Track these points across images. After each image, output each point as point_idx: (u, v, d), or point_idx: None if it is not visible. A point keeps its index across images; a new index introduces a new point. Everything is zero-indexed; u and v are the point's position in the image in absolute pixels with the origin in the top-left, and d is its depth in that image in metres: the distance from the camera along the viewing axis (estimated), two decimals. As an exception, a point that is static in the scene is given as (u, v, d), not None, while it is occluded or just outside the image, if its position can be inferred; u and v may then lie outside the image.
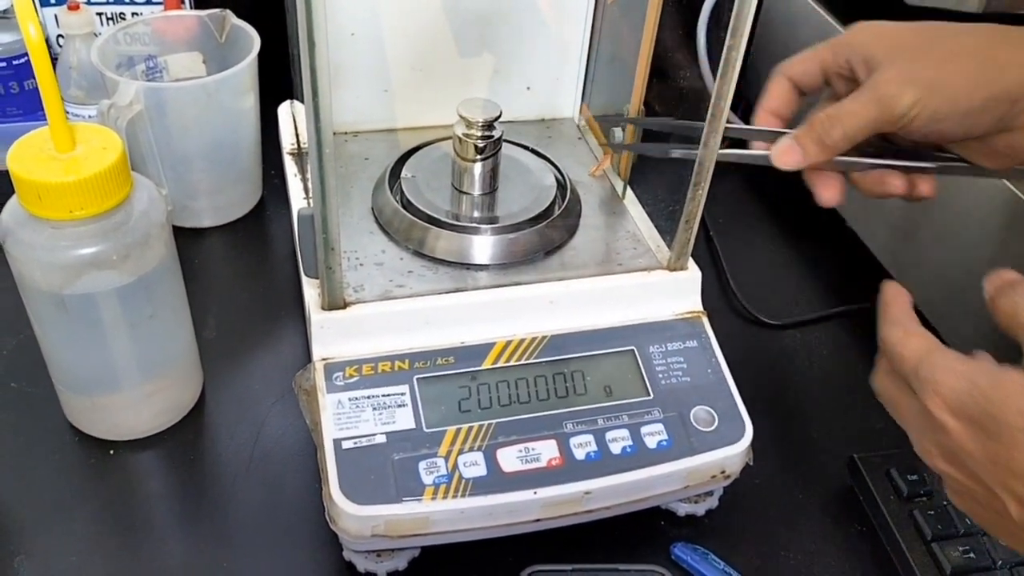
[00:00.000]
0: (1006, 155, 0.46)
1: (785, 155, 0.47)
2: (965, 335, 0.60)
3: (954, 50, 0.45)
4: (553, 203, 0.57)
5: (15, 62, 0.71)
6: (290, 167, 0.62)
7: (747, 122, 0.51)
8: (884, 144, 0.49)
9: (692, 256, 0.55)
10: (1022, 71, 0.44)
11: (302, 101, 0.43)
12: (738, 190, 0.80)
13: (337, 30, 0.60)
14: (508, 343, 0.51)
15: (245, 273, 0.68)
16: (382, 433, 0.47)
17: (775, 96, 0.50)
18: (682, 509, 0.53)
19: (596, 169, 0.60)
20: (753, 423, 0.50)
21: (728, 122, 0.48)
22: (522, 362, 0.51)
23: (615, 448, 0.48)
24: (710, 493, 0.53)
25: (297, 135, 0.65)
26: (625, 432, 0.49)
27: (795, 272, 0.73)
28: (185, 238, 0.69)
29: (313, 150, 0.42)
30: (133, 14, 0.77)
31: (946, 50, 0.45)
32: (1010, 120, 0.44)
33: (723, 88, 0.46)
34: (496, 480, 0.46)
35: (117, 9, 0.77)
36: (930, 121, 0.44)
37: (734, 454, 0.49)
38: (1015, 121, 0.45)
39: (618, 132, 0.56)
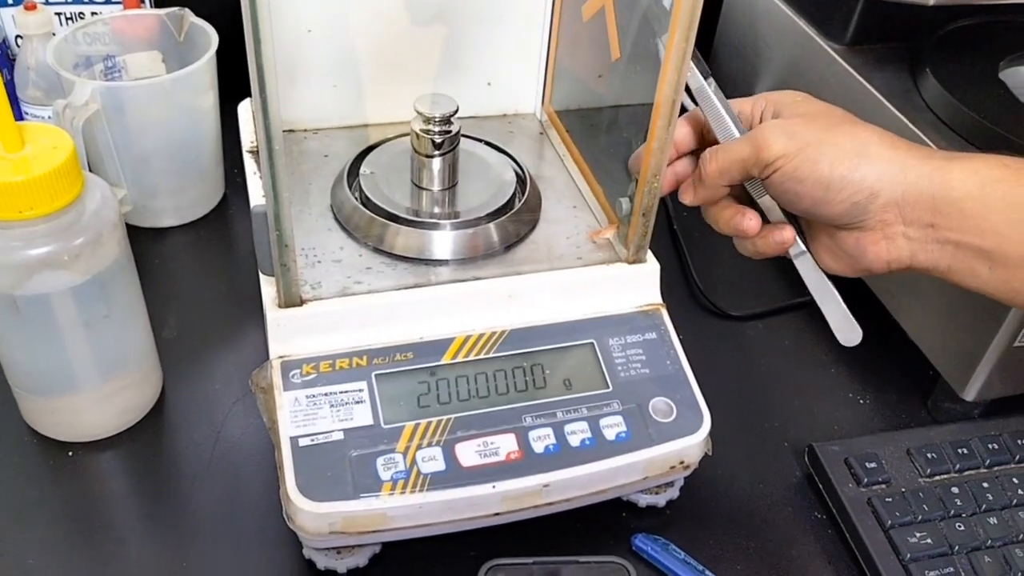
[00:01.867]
0: (851, 256, 0.47)
1: (683, 194, 0.52)
2: (933, 330, 0.61)
3: (840, 127, 0.46)
4: (513, 198, 0.57)
5: (-29, 63, 0.70)
6: (250, 165, 0.61)
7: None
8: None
9: (654, 249, 0.55)
10: (888, 169, 0.44)
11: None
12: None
13: (294, 26, 0.59)
14: (467, 338, 0.51)
15: (206, 272, 0.68)
16: (339, 430, 0.47)
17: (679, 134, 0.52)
18: (643, 500, 0.53)
19: (596, 234, 0.56)
20: (714, 414, 0.51)
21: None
22: (481, 356, 0.51)
23: (574, 441, 0.48)
24: (671, 484, 0.54)
25: (256, 133, 0.64)
26: (584, 424, 0.49)
27: (757, 264, 0.73)
28: (146, 238, 0.69)
29: (263, 145, 0.42)
30: (92, 13, 0.76)
31: (834, 125, 0.46)
32: (862, 214, 0.45)
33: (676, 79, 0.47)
34: (455, 474, 0.46)
35: (76, 9, 0.76)
36: (790, 177, 0.46)
37: (692, 444, 0.50)
38: (867, 218, 0.45)
39: (625, 203, 0.54)
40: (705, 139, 0.52)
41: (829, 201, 0.45)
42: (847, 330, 0.51)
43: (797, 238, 0.50)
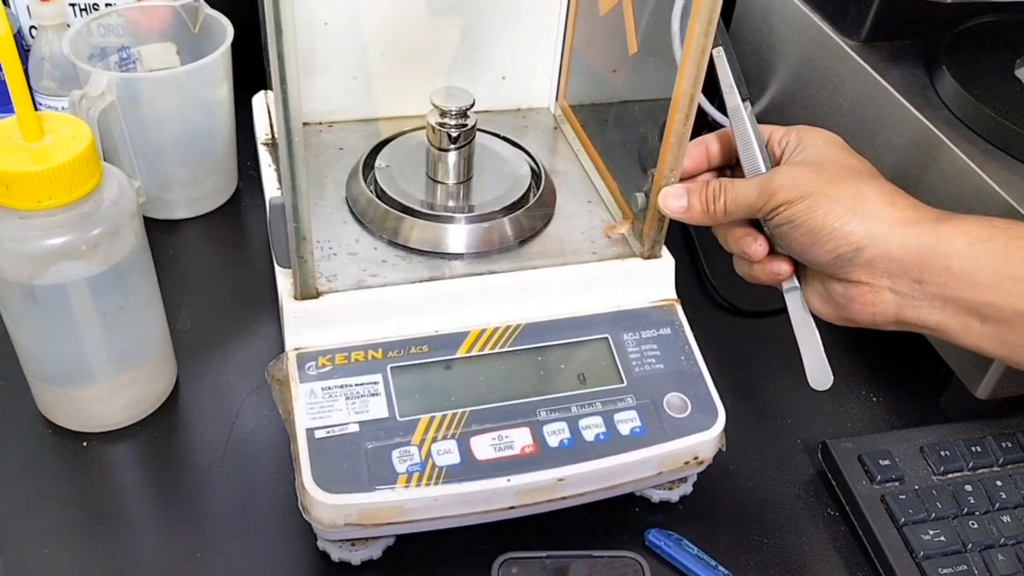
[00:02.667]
0: (838, 304, 0.48)
1: (671, 200, 0.51)
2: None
3: (846, 181, 0.46)
4: (528, 192, 0.57)
5: (-14, 53, 0.70)
6: (264, 158, 0.62)
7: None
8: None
9: (667, 245, 0.55)
10: (877, 226, 0.45)
11: (274, 90, 0.43)
12: (714, 179, 0.81)
13: (310, 19, 0.59)
14: (482, 331, 0.51)
15: (220, 264, 0.68)
16: (355, 422, 0.47)
17: (693, 155, 0.52)
18: (656, 495, 0.53)
19: (611, 229, 0.56)
20: (727, 410, 0.51)
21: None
22: (496, 350, 0.51)
23: (588, 435, 0.48)
24: (684, 479, 0.54)
25: (271, 125, 0.64)
26: (599, 419, 0.49)
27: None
28: (160, 230, 0.69)
29: (282, 137, 0.42)
30: (107, 4, 0.76)
31: (842, 178, 0.46)
32: (847, 265, 0.46)
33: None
34: (469, 468, 0.46)
35: (91, 0, 0.76)
36: (787, 221, 0.46)
37: (707, 440, 0.50)
38: (852, 269, 0.46)
39: (640, 197, 0.54)
40: (733, 157, 0.52)
41: (816, 249, 0.46)
42: (820, 374, 0.51)
43: (793, 274, 0.50)
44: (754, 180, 0.48)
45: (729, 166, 0.54)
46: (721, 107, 0.78)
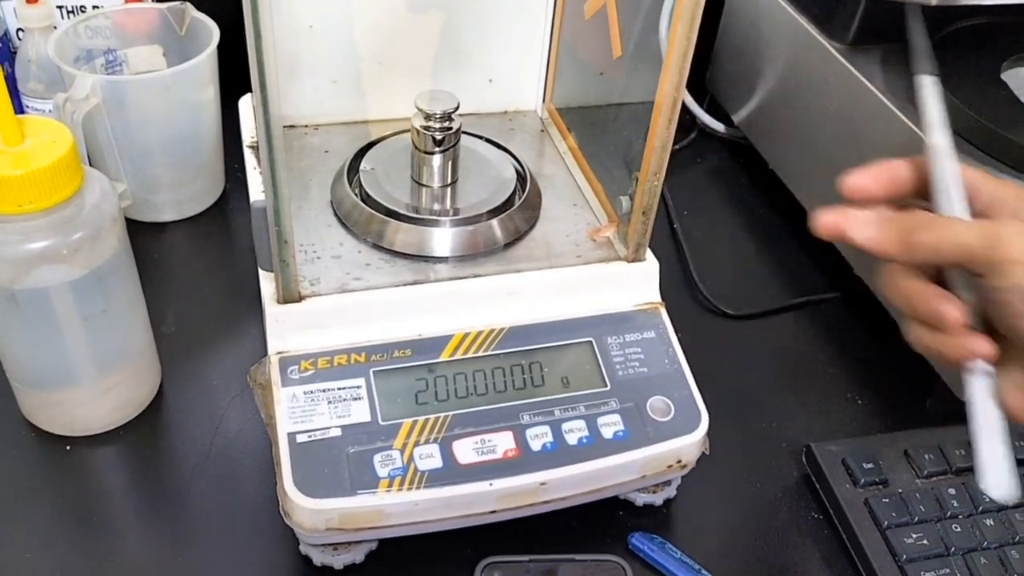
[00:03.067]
0: None
1: (862, 228, 0.41)
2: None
3: None
4: (513, 195, 0.57)
5: (-29, 56, 0.70)
6: (250, 160, 0.61)
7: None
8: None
9: (654, 247, 0.55)
10: None
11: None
12: (701, 181, 0.81)
13: (295, 22, 0.59)
14: (466, 335, 0.51)
15: (206, 268, 0.68)
16: (337, 426, 0.47)
17: (882, 178, 0.44)
18: (640, 499, 0.53)
19: (596, 232, 0.55)
20: (712, 413, 0.51)
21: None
22: (480, 354, 0.51)
23: (571, 439, 0.48)
24: (668, 483, 0.54)
25: (256, 128, 0.64)
26: (582, 423, 0.49)
27: (757, 263, 0.73)
28: (146, 233, 0.69)
29: (262, 141, 0.42)
30: (94, 7, 0.76)
31: None
32: None
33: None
34: (451, 472, 0.46)
35: (78, 2, 0.76)
36: (1015, 288, 0.37)
37: (690, 443, 0.50)
38: None
39: (625, 201, 0.53)
40: (920, 191, 0.44)
41: None
42: (1000, 479, 0.40)
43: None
44: (973, 224, 0.39)
45: (906, 197, 0.44)
46: (711, 111, 0.79)
